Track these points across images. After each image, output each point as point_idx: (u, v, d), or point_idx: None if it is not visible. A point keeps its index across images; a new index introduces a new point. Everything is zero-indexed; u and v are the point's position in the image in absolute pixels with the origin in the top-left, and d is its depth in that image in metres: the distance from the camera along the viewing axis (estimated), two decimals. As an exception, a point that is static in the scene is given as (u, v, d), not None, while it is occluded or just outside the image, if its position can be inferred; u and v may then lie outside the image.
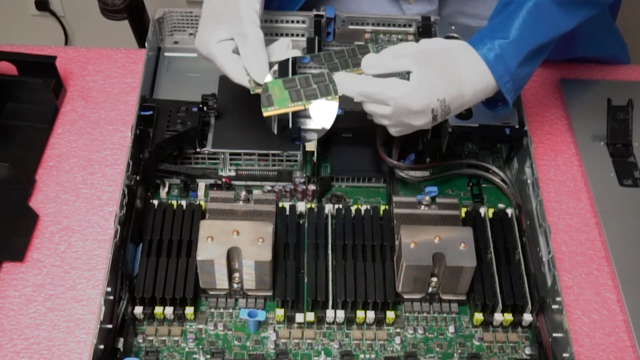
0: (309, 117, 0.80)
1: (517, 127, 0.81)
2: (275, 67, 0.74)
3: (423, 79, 0.69)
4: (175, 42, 0.96)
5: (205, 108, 0.83)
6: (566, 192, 0.87)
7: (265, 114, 0.73)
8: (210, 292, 0.74)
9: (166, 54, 0.95)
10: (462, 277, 0.72)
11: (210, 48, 0.75)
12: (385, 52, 0.72)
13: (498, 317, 0.73)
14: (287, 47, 0.77)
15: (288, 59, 0.75)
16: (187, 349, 0.72)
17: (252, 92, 0.74)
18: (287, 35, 0.94)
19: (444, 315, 0.75)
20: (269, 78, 0.73)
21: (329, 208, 0.80)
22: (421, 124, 0.72)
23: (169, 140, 0.80)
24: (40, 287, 0.76)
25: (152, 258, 0.74)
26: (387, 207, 0.81)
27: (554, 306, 0.71)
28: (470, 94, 0.71)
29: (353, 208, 0.80)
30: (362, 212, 0.79)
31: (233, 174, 0.84)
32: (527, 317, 0.73)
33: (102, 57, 0.97)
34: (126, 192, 0.75)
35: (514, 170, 0.85)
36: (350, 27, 0.94)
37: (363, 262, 0.75)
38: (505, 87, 0.72)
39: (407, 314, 0.75)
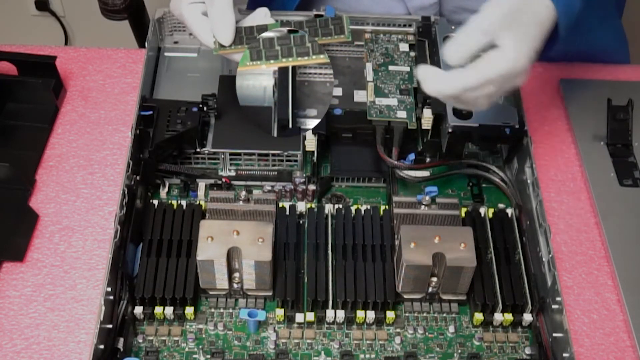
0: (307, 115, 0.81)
1: (517, 127, 0.81)
2: (243, 32, 0.75)
3: (517, 41, 0.68)
4: (175, 42, 0.96)
5: (205, 108, 0.83)
6: (566, 192, 0.87)
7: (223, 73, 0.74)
8: (210, 292, 0.74)
9: (166, 54, 0.95)
10: (462, 277, 0.72)
11: (181, 9, 0.77)
12: (473, 33, 0.68)
13: (498, 317, 0.73)
14: (264, 16, 0.77)
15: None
16: (187, 349, 0.72)
17: (214, 53, 0.75)
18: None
19: (444, 315, 0.75)
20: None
21: (329, 208, 0.80)
22: (523, 81, 0.71)
23: (169, 140, 0.80)
24: (40, 287, 0.76)
25: (152, 258, 0.74)
26: (387, 207, 0.81)
27: (554, 306, 0.72)
28: (549, 28, 0.72)
29: (353, 208, 0.80)
30: (362, 212, 0.79)
31: (233, 174, 0.84)
32: (527, 317, 0.73)
33: (102, 57, 0.97)
34: (126, 192, 0.75)
35: (514, 170, 0.85)
36: (350, 27, 0.93)
37: (363, 262, 0.75)
38: (562, 21, 0.73)
39: (407, 314, 0.75)
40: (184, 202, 0.80)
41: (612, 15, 1.01)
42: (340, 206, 0.80)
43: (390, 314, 0.73)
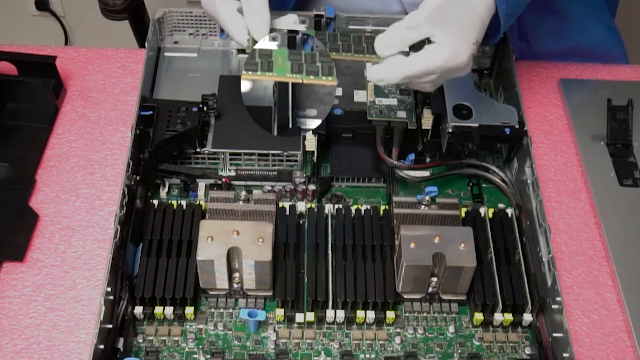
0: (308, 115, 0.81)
1: (517, 127, 0.81)
2: (277, 34, 0.74)
3: (451, 35, 0.69)
4: (175, 42, 0.96)
5: (205, 108, 0.83)
6: (566, 192, 0.87)
7: (260, 78, 0.73)
8: (210, 292, 0.74)
9: (166, 54, 0.95)
10: (462, 277, 0.72)
11: (215, 5, 0.75)
12: (398, 28, 0.71)
13: (498, 317, 0.73)
14: (294, 22, 0.77)
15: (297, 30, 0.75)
16: (187, 349, 0.72)
17: (248, 51, 0.74)
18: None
19: (444, 315, 0.75)
20: (271, 45, 0.73)
21: (329, 208, 0.80)
22: (466, 72, 0.72)
23: (169, 140, 0.80)
24: (40, 287, 0.76)
25: (152, 258, 0.74)
26: (387, 207, 0.81)
27: (554, 306, 0.71)
28: (486, 16, 0.73)
29: (353, 208, 0.80)
30: (362, 212, 0.79)
31: (233, 174, 0.84)
32: (527, 317, 0.73)
33: (102, 57, 0.97)
34: (126, 192, 0.75)
35: (514, 170, 0.85)
36: (350, 27, 0.94)
37: (363, 262, 0.75)
38: (500, 7, 0.73)
39: (407, 314, 0.75)
40: (184, 202, 0.80)
41: (600, 8, 1.01)
42: (340, 206, 0.80)
43: (390, 314, 0.73)
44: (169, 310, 0.72)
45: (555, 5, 0.97)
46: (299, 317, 0.73)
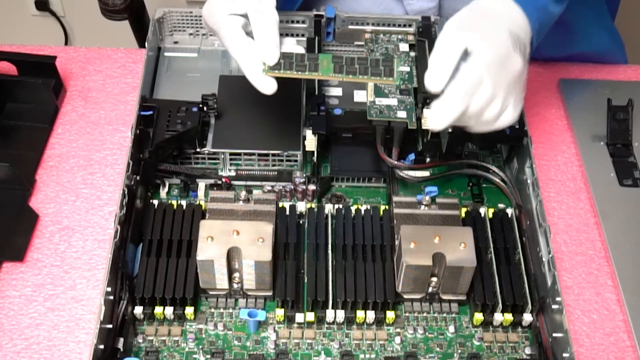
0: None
1: (517, 127, 0.81)
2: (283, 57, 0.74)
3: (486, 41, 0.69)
4: (175, 42, 0.96)
5: (205, 108, 0.83)
6: (566, 192, 0.87)
7: (307, 77, 0.74)
8: (210, 292, 0.74)
9: (166, 54, 0.95)
10: (462, 277, 0.72)
11: (219, 18, 0.72)
12: (439, 55, 0.70)
13: (498, 317, 0.73)
14: (294, 45, 0.77)
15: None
16: (187, 349, 0.72)
17: (264, 74, 0.72)
18: (287, 35, 0.94)
19: (444, 315, 0.75)
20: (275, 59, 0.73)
21: (329, 208, 0.80)
22: (522, 63, 0.72)
23: (169, 140, 0.80)
24: (40, 287, 0.76)
25: (152, 258, 0.74)
26: (387, 207, 0.81)
27: (554, 306, 0.71)
28: (525, 35, 0.73)
29: (353, 208, 0.80)
30: (362, 212, 0.79)
31: (233, 174, 0.84)
32: (527, 317, 0.73)
33: (102, 57, 0.97)
34: (126, 192, 0.75)
35: (514, 170, 0.85)
36: (350, 27, 0.94)
37: (363, 262, 0.75)
38: (533, 25, 0.74)
39: (407, 314, 0.75)
40: (184, 202, 0.80)
41: (604, 15, 1.01)
42: (340, 206, 0.80)
43: (390, 314, 0.73)
44: (169, 310, 0.72)
45: (562, 17, 0.97)
46: (299, 317, 0.73)
